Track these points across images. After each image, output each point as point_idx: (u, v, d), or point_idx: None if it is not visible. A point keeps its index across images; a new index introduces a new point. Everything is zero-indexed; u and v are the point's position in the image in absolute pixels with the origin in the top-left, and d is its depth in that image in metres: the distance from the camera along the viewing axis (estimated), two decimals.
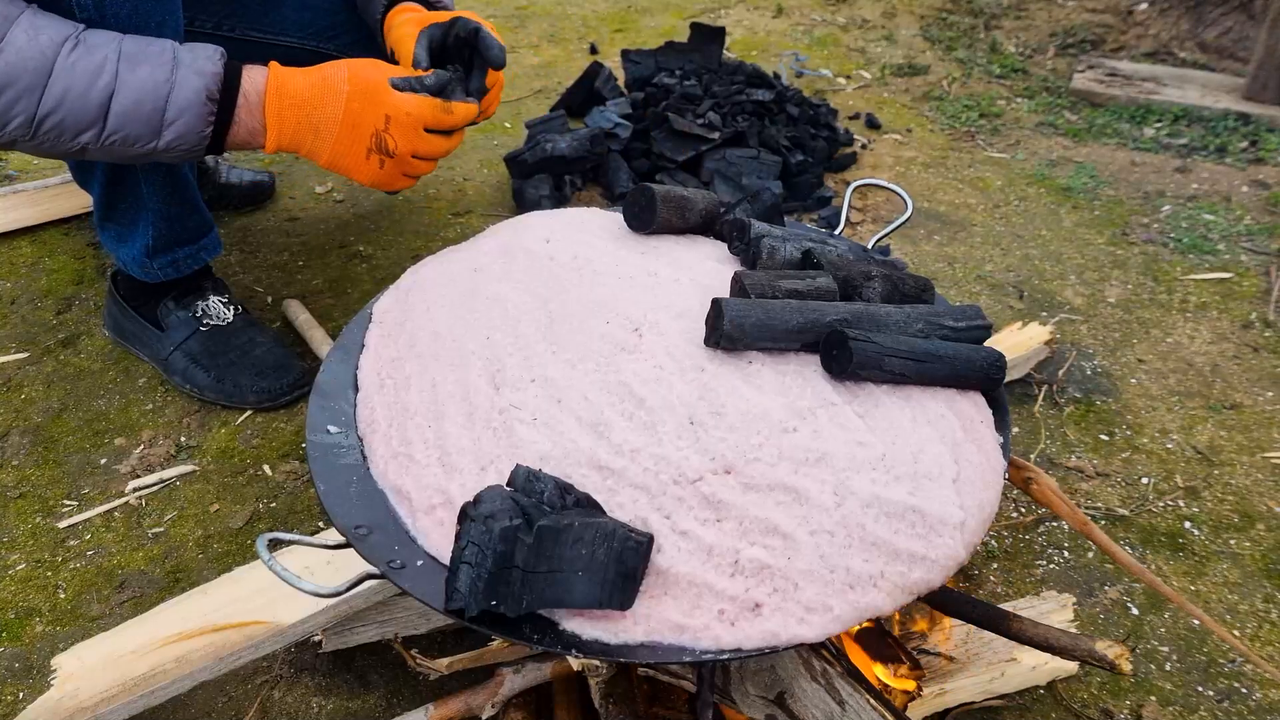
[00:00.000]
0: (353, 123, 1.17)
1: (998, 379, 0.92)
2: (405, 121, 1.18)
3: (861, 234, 2.04)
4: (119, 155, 1.16)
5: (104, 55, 1.10)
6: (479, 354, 0.91)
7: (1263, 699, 1.15)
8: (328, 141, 1.18)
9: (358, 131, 1.17)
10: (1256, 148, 2.38)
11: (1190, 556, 1.33)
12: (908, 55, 2.94)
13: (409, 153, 1.20)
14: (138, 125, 1.12)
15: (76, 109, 1.09)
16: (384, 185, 1.25)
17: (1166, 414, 1.58)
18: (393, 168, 1.21)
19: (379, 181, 1.23)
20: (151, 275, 1.53)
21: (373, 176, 1.21)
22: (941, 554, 0.78)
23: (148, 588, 1.28)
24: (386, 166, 1.20)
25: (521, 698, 1.06)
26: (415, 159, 1.22)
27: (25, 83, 1.07)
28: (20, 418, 1.55)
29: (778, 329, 0.86)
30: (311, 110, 1.18)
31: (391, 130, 1.18)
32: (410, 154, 1.20)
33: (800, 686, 0.93)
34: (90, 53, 1.10)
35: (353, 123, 1.17)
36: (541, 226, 1.10)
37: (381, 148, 1.18)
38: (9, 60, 1.06)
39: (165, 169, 1.44)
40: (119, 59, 1.11)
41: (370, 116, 1.17)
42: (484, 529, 0.68)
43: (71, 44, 1.09)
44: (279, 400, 1.55)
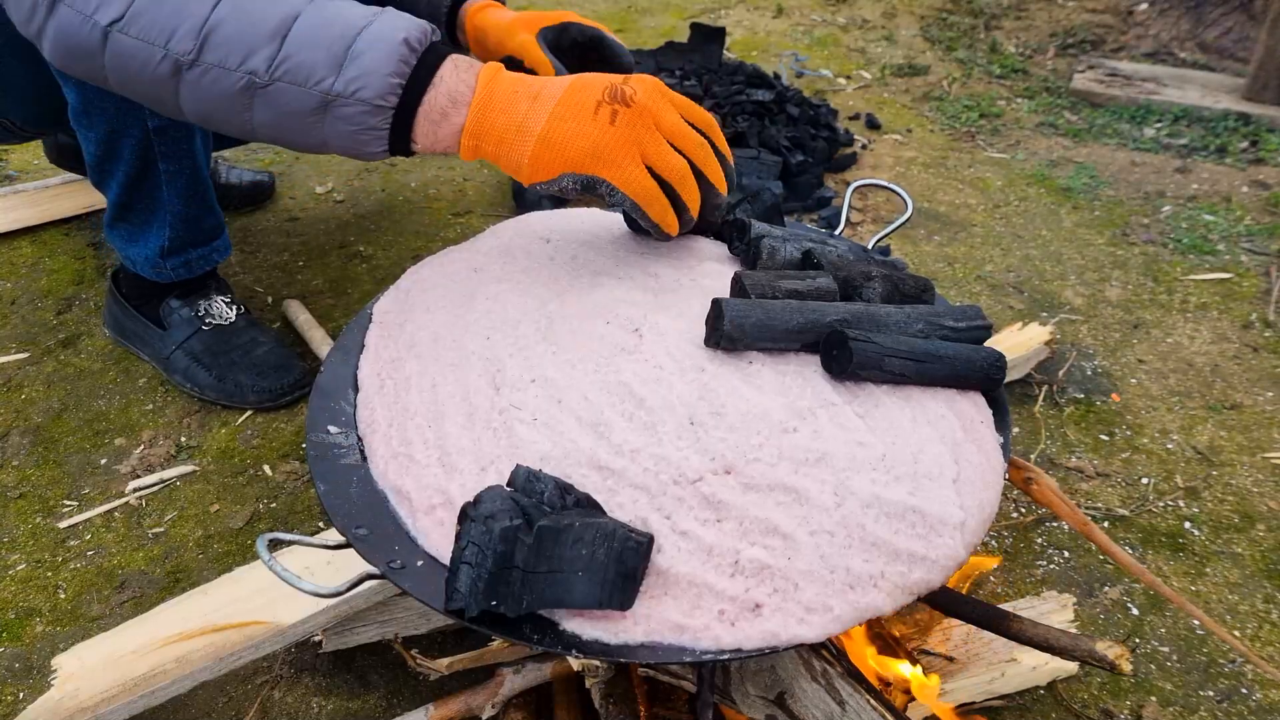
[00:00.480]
0: (582, 83, 0.92)
1: (998, 379, 0.92)
2: (650, 80, 0.94)
3: (861, 234, 2.04)
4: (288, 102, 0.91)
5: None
6: (479, 354, 0.91)
7: (1263, 699, 1.15)
8: (548, 104, 0.90)
9: (588, 88, 0.91)
10: (1257, 148, 2.38)
11: (1190, 556, 1.33)
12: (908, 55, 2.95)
13: (650, 108, 0.91)
14: (316, 50, 0.90)
15: (255, 19, 0.90)
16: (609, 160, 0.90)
17: (1166, 414, 1.58)
18: (627, 128, 0.90)
19: (603, 146, 0.89)
20: (163, 275, 1.53)
21: (597, 136, 0.89)
22: (942, 554, 0.78)
23: (148, 588, 1.28)
24: (620, 123, 0.90)
25: (521, 698, 1.06)
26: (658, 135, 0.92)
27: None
28: (20, 418, 1.55)
29: (778, 329, 0.86)
30: (533, 82, 0.94)
31: (632, 81, 0.93)
32: (651, 110, 0.91)
33: (800, 687, 0.93)
34: None
35: (582, 83, 0.92)
36: (541, 226, 1.10)
37: (617, 96, 0.90)
38: None
39: (189, 169, 1.44)
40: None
41: (602, 79, 0.93)
42: (484, 529, 0.68)
43: None
44: (279, 400, 1.56)
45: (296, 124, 0.93)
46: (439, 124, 0.92)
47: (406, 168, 2.28)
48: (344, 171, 2.25)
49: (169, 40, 0.90)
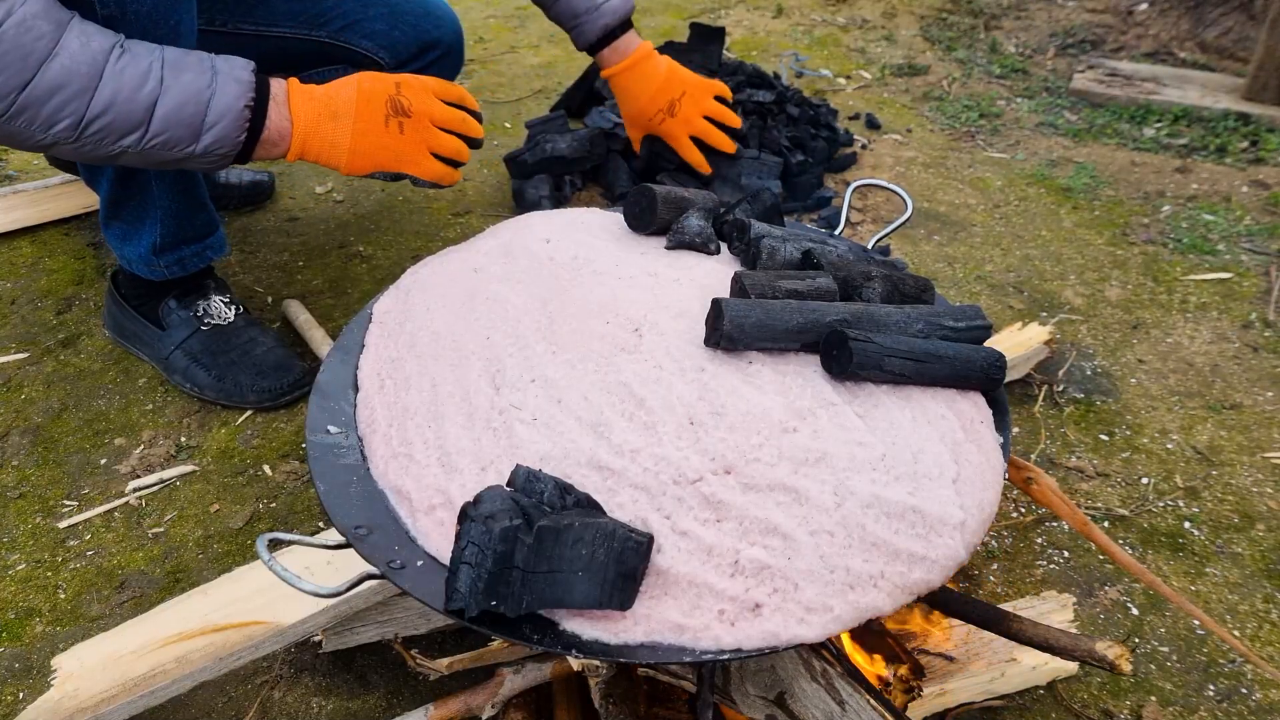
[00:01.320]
0: (367, 96, 1.23)
1: (998, 379, 0.92)
2: (413, 83, 1.25)
3: (861, 234, 2.04)
4: (154, 160, 1.19)
5: (149, 62, 1.14)
6: (479, 354, 0.91)
7: (1263, 699, 1.15)
8: (347, 123, 1.22)
9: (373, 103, 1.23)
10: (1256, 148, 2.38)
11: (1190, 556, 1.33)
12: (908, 55, 2.95)
13: (425, 112, 1.25)
14: (180, 129, 1.15)
15: (124, 112, 1.13)
16: (411, 156, 1.25)
17: (1166, 414, 1.58)
18: (413, 133, 1.24)
19: (406, 149, 1.25)
20: (157, 273, 1.53)
21: (398, 143, 1.24)
22: (941, 554, 0.78)
23: (148, 588, 1.28)
24: (407, 130, 1.24)
25: (521, 698, 1.06)
26: (435, 129, 1.26)
27: (77, 86, 1.10)
28: (20, 418, 1.55)
29: (778, 329, 0.86)
30: (329, 99, 1.23)
31: (403, 92, 1.24)
32: (426, 114, 1.25)
33: (800, 686, 0.93)
34: (136, 60, 1.13)
35: (367, 96, 1.23)
36: (541, 226, 1.10)
37: (398, 109, 1.23)
38: (63, 64, 1.09)
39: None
40: (163, 66, 1.14)
41: (382, 86, 1.24)
42: (484, 529, 0.68)
43: (119, 51, 1.13)
44: (279, 400, 1.56)
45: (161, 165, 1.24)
46: (271, 149, 1.22)
47: None
48: None
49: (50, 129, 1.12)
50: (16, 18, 1.06)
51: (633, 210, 1.08)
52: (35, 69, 1.08)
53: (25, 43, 1.07)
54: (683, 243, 1.04)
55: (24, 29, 1.07)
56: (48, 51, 1.08)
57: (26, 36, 1.07)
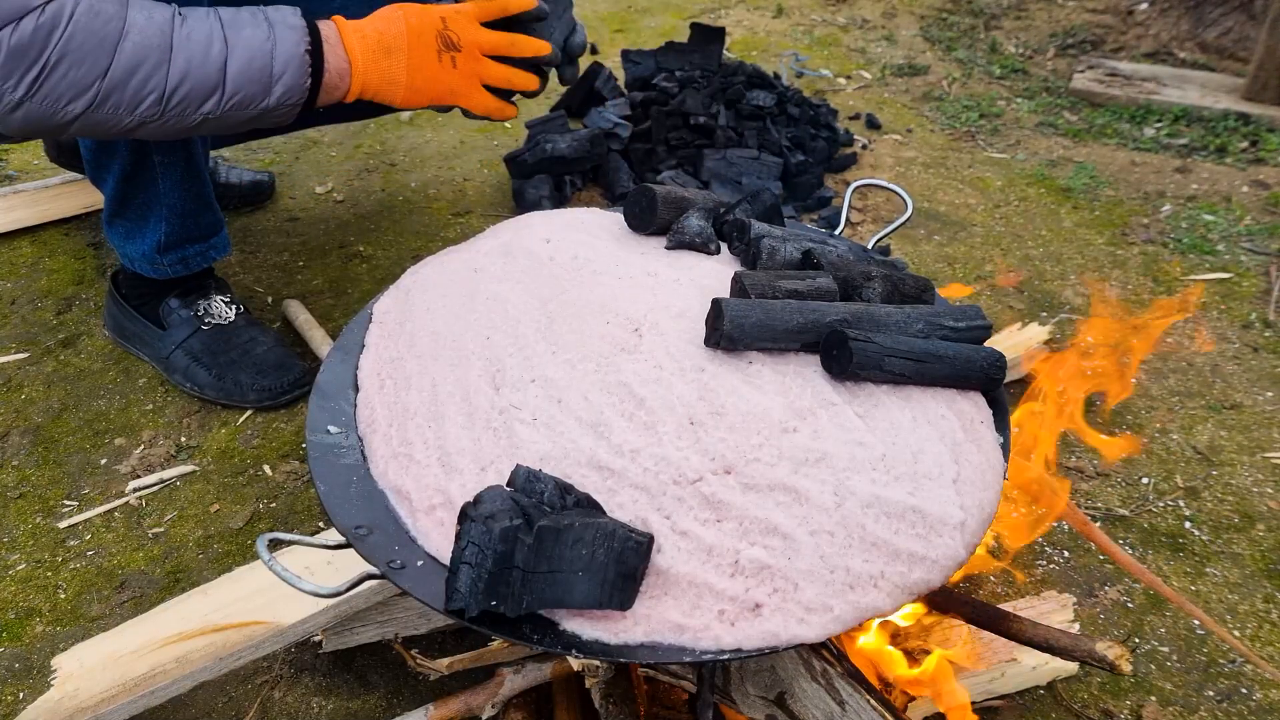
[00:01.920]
0: (417, 32, 1.24)
1: (998, 379, 0.92)
2: (458, 16, 1.27)
3: (862, 234, 2.04)
4: (232, 122, 1.20)
5: (209, 25, 1.15)
6: (479, 354, 0.91)
7: (1263, 699, 1.15)
8: (401, 59, 1.24)
9: (423, 38, 1.24)
10: (1256, 148, 2.38)
11: (1190, 556, 1.33)
12: (908, 55, 2.95)
13: (474, 44, 1.26)
14: (252, 85, 1.17)
15: (200, 77, 1.14)
16: (466, 91, 1.28)
17: (1166, 414, 1.58)
18: (465, 65, 1.26)
19: (460, 83, 1.27)
20: (160, 272, 1.53)
21: (452, 77, 1.27)
22: (941, 554, 0.78)
23: (148, 588, 1.28)
24: (460, 64, 1.26)
25: (521, 698, 1.06)
26: (486, 59, 1.28)
27: (153, 60, 1.11)
28: (20, 418, 1.55)
29: (778, 329, 0.86)
30: (380, 35, 1.24)
31: (451, 26, 1.26)
32: (475, 45, 1.27)
33: (800, 686, 0.93)
34: (199, 24, 1.15)
35: (417, 32, 1.24)
36: (541, 227, 1.10)
37: (448, 43, 1.25)
38: (135, 42, 1.10)
39: (183, 163, 1.44)
40: (223, 25, 1.16)
41: (429, 21, 1.25)
42: (484, 529, 0.68)
43: (179, 19, 1.14)
44: (279, 400, 1.56)
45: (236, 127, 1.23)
46: (332, 92, 1.24)
47: (406, 168, 2.28)
48: (344, 171, 2.25)
49: (136, 109, 1.13)
50: (85, 4, 1.07)
51: (633, 210, 1.08)
52: (112, 52, 1.08)
53: (96, 28, 1.08)
54: (683, 243, 1.04)
55: (93, 14, 1.07)
56: (119, 32, 1.09)
57: (96, 21, 1.08)
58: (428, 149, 2.36)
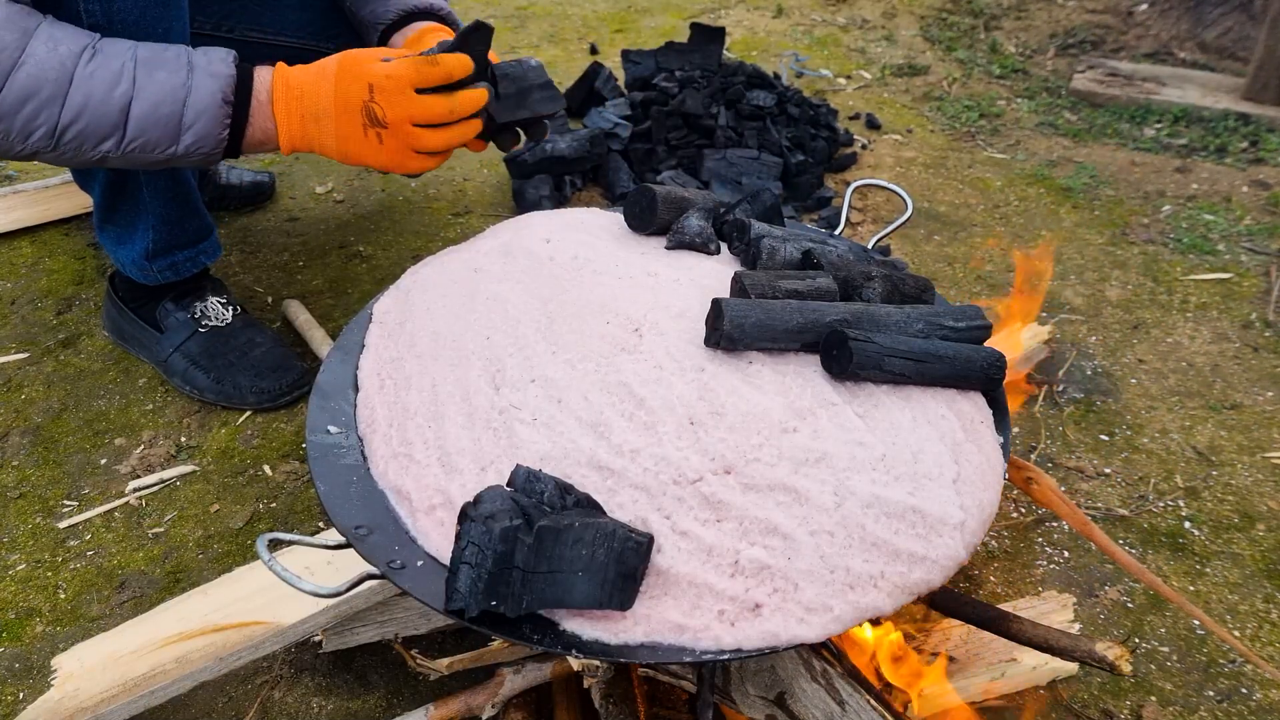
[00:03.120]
0: (343, 101, 1.14)
1: (998, 379, 0.92)
2: (388, 85, 1.13)
3: (861, 234, 2.04)
4: (140, 162, 1.16)
5: (121, 63, 1.10)
6: (479, 354, 0.91)
7: (1263, 699, 1.15)
8: (329, 126, 1.16)
9: (350, 109, 1.14)
10: (1256, 148, 2.38)
11: (1190, 556, 1.33)
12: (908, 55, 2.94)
13: (403, 119, 1.13)
14: (157, 130, 1.12)
15: (97, 116, 1.10)
16: (398, 165, 1.18)
17: (1166, 414, 1.58)
18: (393, 141, 1.15)
19: (389, 161, 1.17)
20: (150, 278, 1.53)
21: (379, 155, 1.16)
22: (941, 554, 0.78)
23: (148, 588, 1.28)
24: (386, 140, 1.15)
25: (521, 698, 1.06)
26: (418, 128, 1.15)
27: (47, 93, 1.08)
28: (20, 418, 1.55)
29: (778, 329, 0.86)
30: (310, 99, 1.16)
31: (377, 98, 1.13)
32: (405, 120, 1.14)
33: (800, 686, 0.93)
34: (108, 61, 1.10)
35: (343, 101, 1.14)
36: (541, 227, 1.10)
37: (372, 118, 1.13)
38: (30, 72, 1.07)
39: (168, 172, 1.44)
40: (135, 65, 1.11)
41: (356, 90, 1.14)
42: (484, 529, 0.68)
43: (90, 53, 1.10)
44: (279, 401, 1.55)
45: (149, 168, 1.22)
46: (259, 147, 1.19)
47: None
48: (344, 171, 2.25)
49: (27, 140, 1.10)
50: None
51: (633, 210, 1.08)
52: (2, 80, 1.06)
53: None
54: (683, 243, 1.05)
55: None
56: (12, 61, 1.06)
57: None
58: None
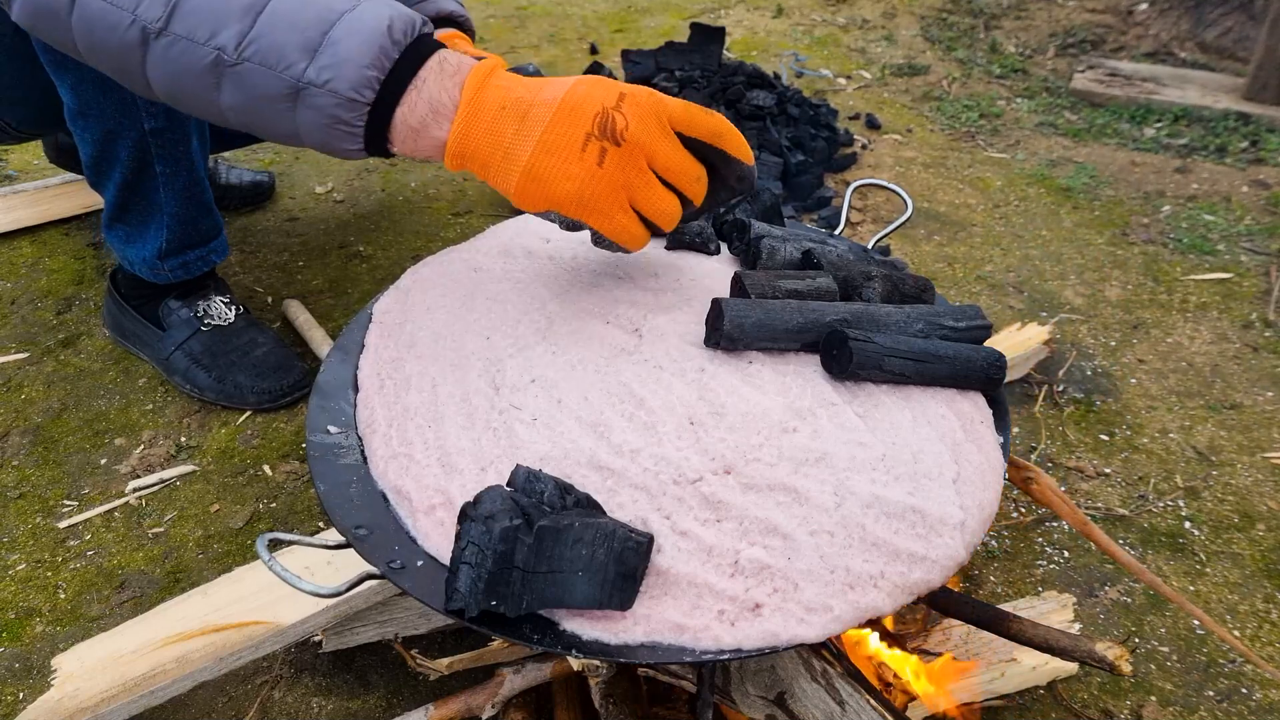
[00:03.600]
0: (572, 103, 0.81)
1: (998, 379, 0.92)
2: (646, 102, 0.82)
3: (861, 234, 2.04)
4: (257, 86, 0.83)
5: None
6: (479, 354, 0.91)
7: (1263, 699, 1.15)
8: (535, 129, 0.81)
9: (578, 114, 0.81)
10: (1257, 148, 2.38)
11: (1190, 556, 1.33)
12: (908, 55, 2.95)
13: (643, 146, 0.81)
14: (289, 31, 0.82)
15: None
16: (595, 208, 0.82)
17: (1166, 414, 1.58)
18: (617, 168, 0.81)
19: (589, 198, 0.81)
20: (161, 277, 1.53)
21: (581, 182, 0.81)
22: (942, 554, 0.78)
23: (148, 588, 1.28)
24: (608, 163, 0.81)
25: (522, 698, 1.06)
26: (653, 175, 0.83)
27: None
28: (20, 418, 1.55)
29: (778, 329, 0.86)
30: (520, 88, 0.83)
31: (624, 107, 0.81)
32: (644, 150, 0.81)
33: (800, 686, 0.93)
34: None
35: (572, 103, 0.81)
36: (542, 227, 1.10)
37: (606, 129, 0.80)
38: None
39: (185, 171, 1.44)
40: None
41: (599, 94, 0.82)
42: (484, 529, 0.68)
43: None
44: (279, 401, 1.56)
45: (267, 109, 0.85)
46: (418, 132, 0.84)
47: (406, 168, 2.28)
48: (344, 171, 2.25)
49: (138, 6, 0.83)
50: None
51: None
52: None
53: None
54: (683, 243, 1.05)
55: None
56: None
57: None
58: None
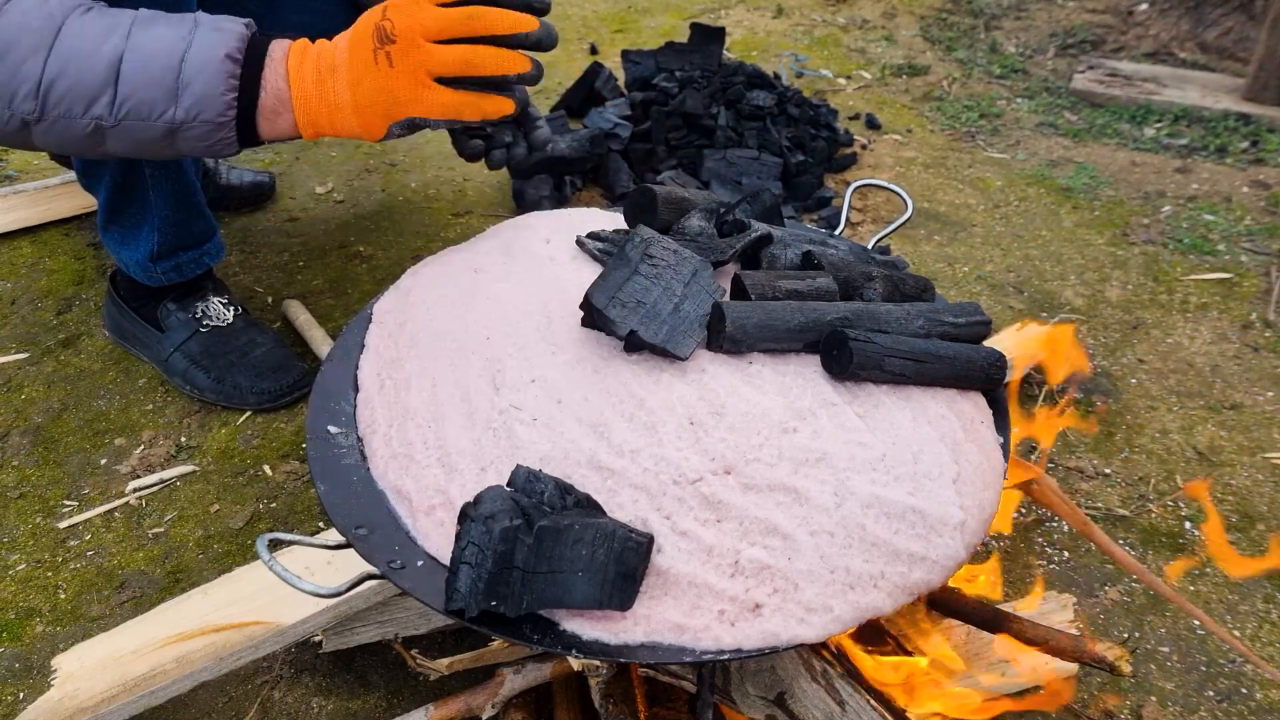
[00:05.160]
0: (356, 33, 0.99)
1: (998, 379, 0.92)
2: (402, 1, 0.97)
3: (862, 234, 2.04)
4: (140, 138, 1.01)
5: (116, 19, 0.99)
6: (479, 354, 0.91)
7: (1263, 699, 1.15)
8: (344, 74, 0.99)
9: (361, 37, 0.98)
10: (1257, 148, 2.38)
11: (1190, 556, 1.33)
12: (908, 55, 2.94)
13: (413, 30, 0.95)
14: (150, 89, 0.98)
15: (84, 70, 0.97)
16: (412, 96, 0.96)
17: (1166, 414, 1.58)
18: (404, 61, 0.95)
19: (403, 90, 0.96)
20: (154, 279, 1.53)
21: (391, 84, 0.96)
22: (942, 554, 0.78)
23: (148, 588, 1.28)
24: (396, 61, 0.95)
25: (522, 698, 1.06)
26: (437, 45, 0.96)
27: (30, 43, 0.96)
28: (20, 418, 1.55)
29: (779, 329, 0.86)
30: (328, 52, 1.01)
31: (389, 13, 0.96)
32: (418, 32, 0.95)
33: (800, 687, 0.93)
34: (102, 17, 0.99)
35: (356, 33, 0.99)
36: (541, 226, 1.10)
37: (382, 36, 0.96)
38: (13, 19, 0.96)
39: (174, 174, 1.44)
40: (133, 22, 0.99)
41: (370, 18, 0.99)
42: (484, 529, 0.68)
43: (84, 9, 0.99)
44: (279, 401, 1.55)
45: (150, 148, 1.03)
46: (275, 121, 1.01)
47: (406, 168, 2.28)
48: (344, 171, 2.25)
49: (11, 103, 0.98)
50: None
51: (633, 210, 1.08)
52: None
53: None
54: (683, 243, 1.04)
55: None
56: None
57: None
58: (428, 149, 2.36)
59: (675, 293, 0.85)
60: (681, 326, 0.85)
